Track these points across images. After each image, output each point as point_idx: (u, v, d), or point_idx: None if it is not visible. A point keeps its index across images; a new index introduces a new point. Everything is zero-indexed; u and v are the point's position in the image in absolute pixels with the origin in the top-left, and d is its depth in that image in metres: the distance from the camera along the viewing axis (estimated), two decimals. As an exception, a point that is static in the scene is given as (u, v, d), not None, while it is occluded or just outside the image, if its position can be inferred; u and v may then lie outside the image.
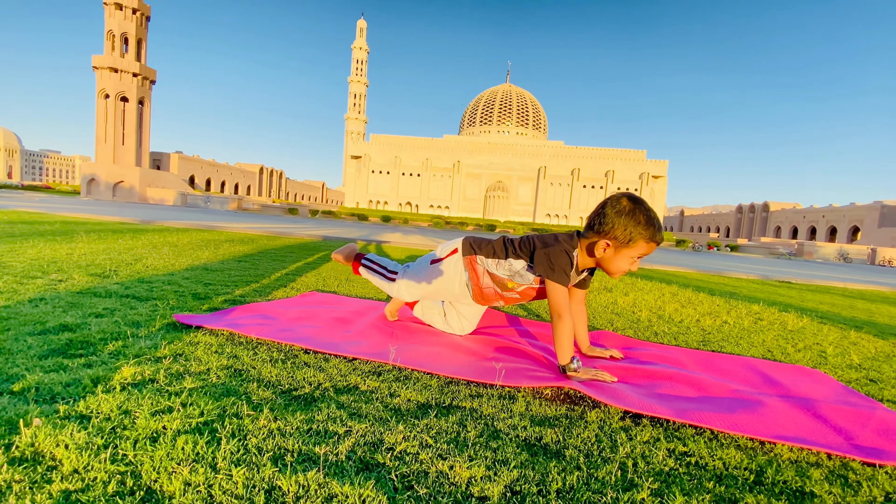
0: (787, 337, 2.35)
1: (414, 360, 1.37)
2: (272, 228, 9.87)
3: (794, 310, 3.40)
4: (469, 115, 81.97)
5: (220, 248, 4.58)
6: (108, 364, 1.14)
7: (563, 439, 0.95)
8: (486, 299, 1.69)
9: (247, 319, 1.71)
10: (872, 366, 1.88)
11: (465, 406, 1.08)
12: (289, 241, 6.82)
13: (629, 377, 1.46)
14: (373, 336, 1.66)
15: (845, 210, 56.93)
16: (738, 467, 0.91)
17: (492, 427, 0.98)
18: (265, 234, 8.07)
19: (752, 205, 73.71)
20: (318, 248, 5.75)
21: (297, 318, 1.83)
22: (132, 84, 46.98)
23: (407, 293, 1.79)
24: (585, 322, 1.71)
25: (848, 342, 2.33)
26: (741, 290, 4.79)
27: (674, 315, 2.74)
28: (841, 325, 2.89)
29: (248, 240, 6.15)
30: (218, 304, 2.00)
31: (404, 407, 1.05)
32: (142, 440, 0.78)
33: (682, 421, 1.09)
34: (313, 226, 15.06)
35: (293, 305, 2.09)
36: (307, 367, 1.26)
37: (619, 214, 1.40)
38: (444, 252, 1.73)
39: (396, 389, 1.15)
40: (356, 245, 2.00)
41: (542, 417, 1.06)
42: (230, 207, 37.27)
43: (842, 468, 0.95)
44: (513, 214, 61.48)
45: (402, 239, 10.71)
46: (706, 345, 2.03)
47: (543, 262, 1.47)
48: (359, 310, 2.11)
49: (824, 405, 1.29)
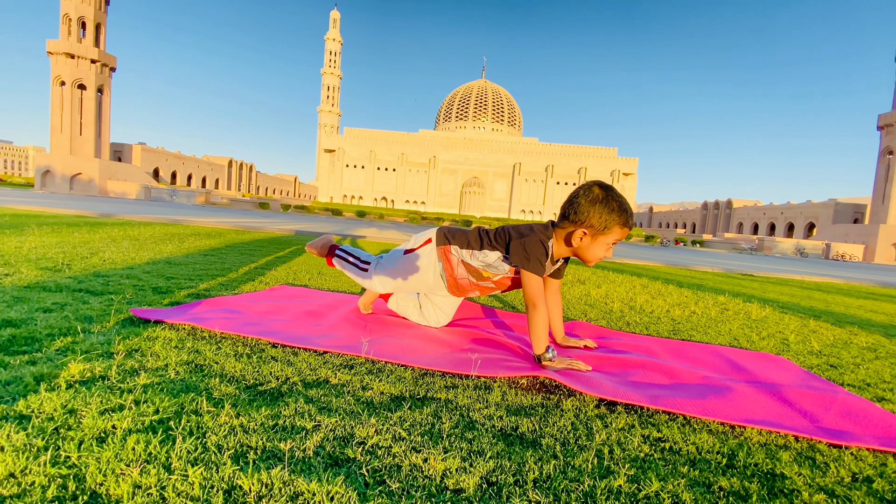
0: (751, 326, 2.43)
1: (387, 352, 1.34)
2: (242, 223, 9.57)
3: (756, 300, 3.53)
4: (445, 111, 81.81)
5: (184, 241, 4.39)
6: (55, 361, 1.05)
7: (539, 428, 0.93)
8: (460, 290, 1.67)
9: (211, 313, 1.63)
10: (832, 352, 1.96)
11: (439, 398, 1.05)
12: (259, 235, 6.62)
13: (603, 366, 1.46)
14: (345, 329, 1.61)
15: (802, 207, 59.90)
16: (710, 451, 0.91)
17: (467, 418, 0.95)
18: (234, 228, 7.81)
19: (717, 202, 76.60)
20: (289, 243, 5.60)
21: (266, 312, 1.75)
22: (90, 71, 44.61)
23: (380, 285, 1.75)
24: (560, 312, 1.71)
25: (808, 330, 2.43)
26: (707, 283, 4.95)
27: (645, 306, 2.80)
28: (801, 314, 3.02)
29: (216, 234, 5.93)
30: (180, 298, 1.90)
31: (377, 400, 1.01)
32: (88, 441, 0.72)
33: (656, 407, 1.10)
34: (285, 220, 14.71)
35: (261, 299, 2.01)
36: (274, 361, 1.21)
37: (592, 203, 1.40)
38: (418, 242, 1.69)
39: (369, 382, 1.11)
40: (331, 237, 1.93)
41: (518, 407, 1.04)
42: (197, 201, 36.01)
43: (809, 450, 0.97)
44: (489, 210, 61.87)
45: (377, 234, 10.59)
46: (676, 334, 2.07)
47: (519, 252, 1.46)
48: (331, 303, 2.04)
49: (789, 390, 1.32)
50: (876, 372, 1.67)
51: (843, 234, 49.39)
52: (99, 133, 46.99)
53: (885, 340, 2.30)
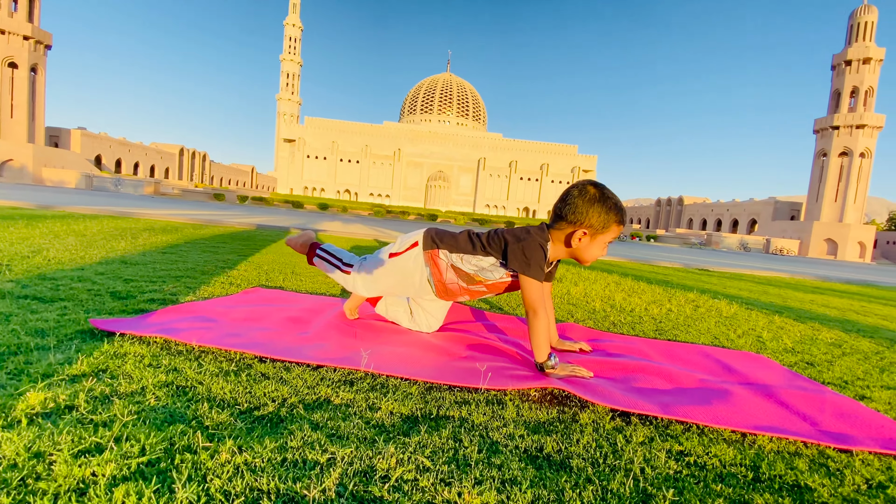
0: (725, 323, 2.52)
1: (388, 364, 1.25)
2: (198, 216, 9.04)
3: (722, 297, 3.68)
4: (409, 103, 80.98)
5: (138, 237, 4.06)
6: (7, 388, 0.90)
7: (564, 447, 0.89)
8: (449, 294, 1.61)
9: (183, 322, 1.48)
10: (803, 349, 2.05)
11: (453, 416, 0.99)
12: (219, 229, 6.26)
13: (604, 371, 1.44)
14: (335, 338, 1.51)
15: (745, 205, 63.94)
16: (734, 464, 0.90)
17: (488, 439, 0.89)
18: (191, 221, 7.36)
19: (669, 199, 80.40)
20: (252, 239, 5.33)
21: (245, 320, 1.62)
22: (23, 48, 40.74)
23: (363, 288, 1.66)
24: (553, 315, 1.69)
25: (776, 327, 2.55)
26: (671, 279, 5.14)
27: (623, 304, 2.84)
28: (764, 310, 3.17)
29: (172, 228, 5.55)
30: (144, 304, 1.72)
31: (388, 422, 0.93)
32: (65, 495, 0.60)
33: (669, 417, 1.08)
34: (244, 213, 14.07)
35: (236, 304, 1.86)
36: (266, 378, 1.10)
37: (591, 202, 1.38)
38: (404, 246, 1.61)
39: (375, 401, 1.02)
40: (313, 233, 1.81)
41: (536, 423, 0.99)
42: (146, 192, 33.84)
43: (820, 456, 0.98)
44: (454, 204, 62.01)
45: (342, 228, 10.33)
46: (661, 334, 2.10)
47: (518, 258, 1.41)
48: (313, 307, 1.93)
49: (782, 391, 1.35)
50: (849, 369, 1.76)
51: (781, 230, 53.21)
52: (33, 116, 43.12)
53: (846, 336, 2.45)
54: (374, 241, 7.14)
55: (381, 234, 9.53)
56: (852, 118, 49.11)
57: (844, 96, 50.04)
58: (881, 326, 2.92)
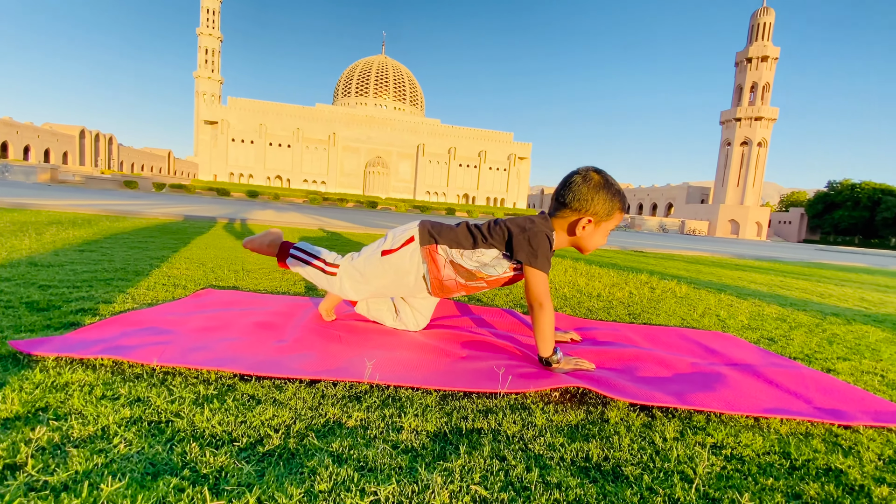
0: (682, 303, 2.65)
1: (393, 373, 1.13)
2: (111, 206, 8.04)
3: (669, 277, 3.91)
4: (344, 85, 77.91)
5: (44, 233, 3.48)
6: None
7: (609, 453, 0.83)
8: (445, 291, 1.50)
9: (132, 337, 1.24)
10: (758, 325, 2.20)
11: (483, 428, 0.90)
12: (141, 221, 5.59)
13: (603, 362, 1.42)
14: (319, 345, 1.35)
15: (663, 189, 69.53)
16: (766, 452, 0.90)
17: (532, 453, 0.82)
18: (104, 213, 6.51)
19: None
20: (184, 231, 4.81)
21: (206, 330, 1.40)
22: None
23: (352, 290, 1.50)
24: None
25: (726, 304, 2.73)
26: (617, 261, 5.40)
27: (589, 289, 2.90)
28: (708, 288, 3.40)
29: (84, 221, 4.86)
30: (72, 316, 1.44)
31: (417, 443, 0.82)
32: None
33: (687, 407, 1.08)
34: (163, 202, 12.80)
35: (190, 310, 1.62)
36: (257, 402, 0.93)
37: (596, 189, 1.35)
38: (398, 242, 1.47)
39: (393, 419, 0.90)
40: (279, 231, 1.60)
41: (570, 427, 0.93)
42: (40, 179, 29.69)
43: (828, 434, 1.01)
44: (393, 191, 61.14)
45: (276, 217, 9.72)
46: (635, 318, 2.16)
47: (525, 249, 1.33)
48: (281, 310, 1.73)
49: (766, 370, 1.41)
50: (804, 343, 1.90)
51: (693, 213, 58.60)
52: None
53: (784, 310, 2.68)
54: (320, 231, 6.78)
55: (324, 223, 9.10)
56: (752, 111, 54.83)
57: (745, 91, 55.65)
58: (806, 299, 3.25)
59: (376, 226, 9.64)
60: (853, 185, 66.38)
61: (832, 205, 67.87)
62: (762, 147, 55.52)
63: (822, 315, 2.60)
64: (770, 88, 54.89)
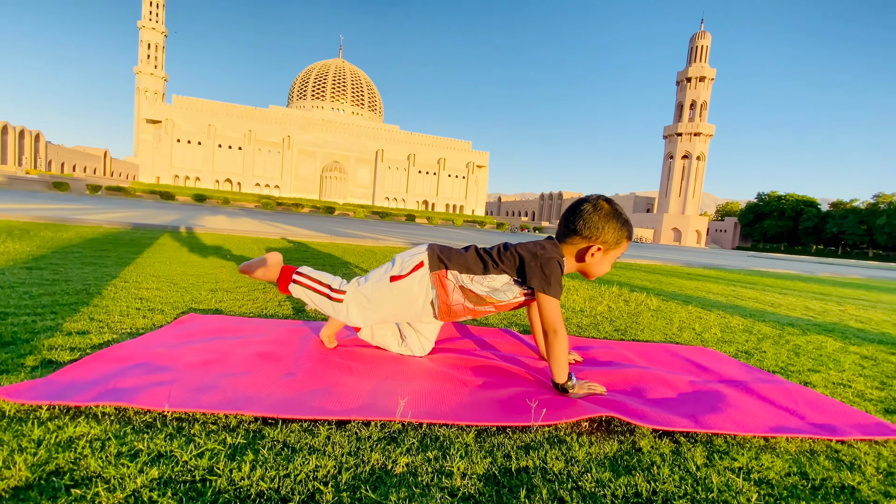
0: (658, 317, 2.78)
1: (422, 407, 1.10)
2: (42, 211, 7.36)
3: (638, 289, 4.10)
4: (299, 88, 75.96)
5: (-22, 247, 3.12)
6: None
7: (655, 486, 0.86)
8: (452, 316, 1.50)
9: (127, 377, 1.13)
10: (731, 338, 2.35)
11: (528, 466, 0.89)
12: (86, 231, 5.15)
13: (611, 384, 1.46)
14: (330, 377, 1.29)
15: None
16: (787, 473, 0.96)
17: (586, 491, 0.82)
18: (40, 220, 5.94)
19: (551, 193, 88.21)
20: (138, 243, 4.48)
21: (205, 364, 1.30)
22: None
23: (359, 317, 1.46)
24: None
25: (696, 317, 2.89)
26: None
27: (570, 303, 2.98)
28: (675, 301, 3.60)
29: (20, 231, 4.40)
30: (46, 352, 1.29)
31: (472, 489, 0.80)
32: None
33: (706, 431, 1.13)
34: (102, 206, 11.89)
35: (179, 340, 1.51)
36: (291, 450, 0.88)
37: (606, 218, 1.39)
38: (407, 267, 1.45)
39: (438, 461, 0.88)
40: (278, 255, 1.53)
41: (610, 461, 0.95)
42: (-49, 179, 26.65)
43: (829, 451, 1.09)
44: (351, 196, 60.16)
45: (228, 224, 9.27)
46: (624, 334, 2.24)
47: (538, 275, 1.35)
48: (277, 336, 1.65)
49: (756, 385, 1.51)
50: (776, 355, 2.05)
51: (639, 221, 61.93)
52: None
53: (748, 321, 2.88)
54: (284, 241, 6.53)
55: (285, 231, 8.78)
56: (692, 127, 58.97)
57: (686, 108, 59.80)
58: (762, 309, 3.51)
59: (340, 234, 9.42)
60: (779, 197, 72.91)
61: (761, 215, 74.15)
62: (701, 161, 59.82)
63: (780, 325, 2.82)
64: (707, 106, 59.40)
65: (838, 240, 66.88)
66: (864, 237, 62.75)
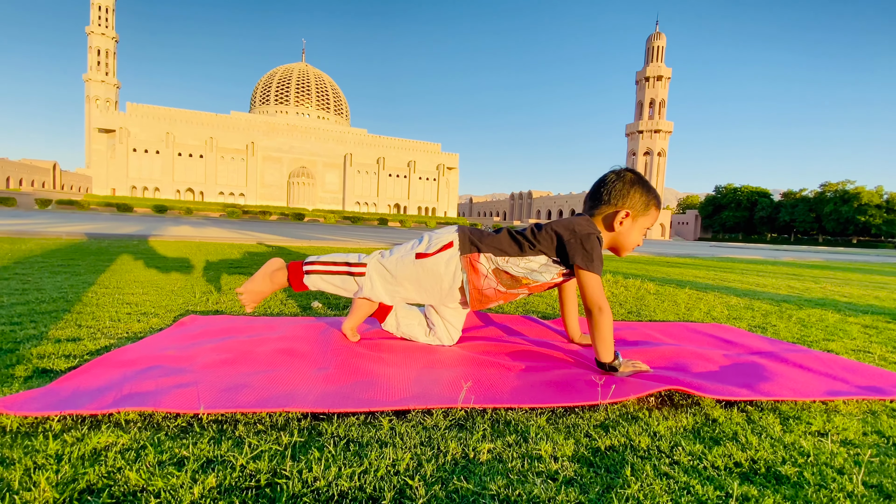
0: (661, 300, 2.79)
1: (483, 394, 1.02)
2: (-4, 226, 6.80)
3: (630, 276, 4.14)
4: (262, 93, 74.04)
5: (-74, 260, 2.81)
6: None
7: (753, 455, 0.80)
8: (484, 301, 1.43)
9: (141, 381, 1.00)
10: (739, 315, 2.37)
11: (615, 445, 0.83)
12: (46, 242, 4.77)
13: (651, 362, 1.42)
14: (367, 369, 1.19)
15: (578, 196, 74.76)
16: (866, 433, 0.93)
17: (687, 466, 0.76)
18: (-9, 234, 5.47)
19: (521, 193, 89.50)
20: (107, 252, 4.18)
21: (225, 364, 1.18)
22: None
23: (383, 291, 1.39)
24: (576, 309, 1.63)
25: (697, 299, 2.92)
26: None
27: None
28: (675, 285, 3.64)
29: (-30, 245, 4.02)
30: (37, 360, 1.13)
31: (571, 471, 0.72)
32: None
33: (767, 399, 1.09)
34: (56, 220, 11.16)
35: (186, 342, 1.37)
36: (359, 444, 0.78)
37: (632, 184, 1.38)
38: (435, 246, 1.37)
39: (521, 446, 0.80)
40: (278, 258, 1.46)
41: (693, 433, 0.89)
42: None
43: (888, 410, 1.08)
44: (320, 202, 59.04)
45: (194, 232, 8.86)
46: (639, 316, 2.22)
47: (580, 252, 1.30)
48: (294, 333, 1.52)
49: (789, 355, 1.50)
50: (787, 328, 2.07)
51: (608, 216, 63.52)
52: None
53: (745, 300, 2.94)
54: (262, 246, 6.27)
55: (258, 237, 8.47)
56: (652, 124, 61.09)
57: (646, 106, 61.92)
58: (750, 290, 3.60)
59: (315, 239, 9.17)
60: (735, 189, 76.57)
61: (720, 206, 77.66)
62: (661, 157, 62.09)
63: (776, 302, 2.88)
64: (665, 104, 61.75)
65: (791, 227, 70.91)
66: (814, 224, 66.78)
